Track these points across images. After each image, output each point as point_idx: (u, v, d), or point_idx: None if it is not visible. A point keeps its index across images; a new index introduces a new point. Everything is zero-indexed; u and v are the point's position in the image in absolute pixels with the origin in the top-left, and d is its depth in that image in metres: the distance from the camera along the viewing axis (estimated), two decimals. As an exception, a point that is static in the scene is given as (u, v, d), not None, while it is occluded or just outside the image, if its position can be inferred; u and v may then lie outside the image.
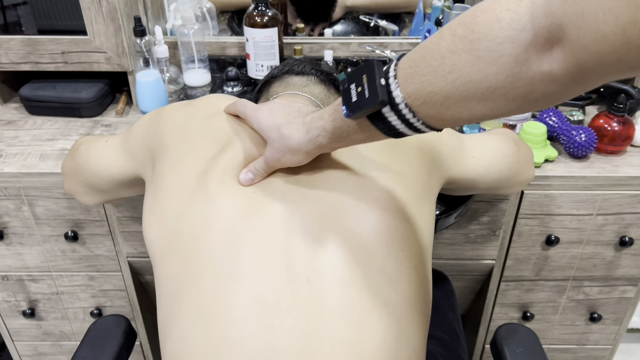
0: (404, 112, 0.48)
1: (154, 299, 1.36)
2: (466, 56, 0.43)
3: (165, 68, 1.29)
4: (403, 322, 0.58)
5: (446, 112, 0.47)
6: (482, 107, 0.45)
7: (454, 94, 0.45)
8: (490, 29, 0.42)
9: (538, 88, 0.42)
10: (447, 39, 0.45)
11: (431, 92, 0.46)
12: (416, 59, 0.47)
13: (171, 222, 0.63)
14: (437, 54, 0.45)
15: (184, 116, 0.72)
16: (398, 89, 0.48)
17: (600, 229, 1.13)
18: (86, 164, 0.84)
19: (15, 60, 1.19)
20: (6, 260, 1.19)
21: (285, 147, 0.60)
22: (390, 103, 0.48)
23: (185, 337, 0.56)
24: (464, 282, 1.28)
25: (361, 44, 1.34)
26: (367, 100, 0.49)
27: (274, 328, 0.54)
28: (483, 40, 0.42)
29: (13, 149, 1.12)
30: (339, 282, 0.56)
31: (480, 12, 0.43)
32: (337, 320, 0.55)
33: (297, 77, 0.88)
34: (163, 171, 0.68)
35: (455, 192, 0.87)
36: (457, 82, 0.44)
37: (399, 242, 0.61)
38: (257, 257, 0.57)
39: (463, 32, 0.44)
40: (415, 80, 0.47)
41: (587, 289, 1.24)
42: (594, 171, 1.07)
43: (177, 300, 0.59)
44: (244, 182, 0.63)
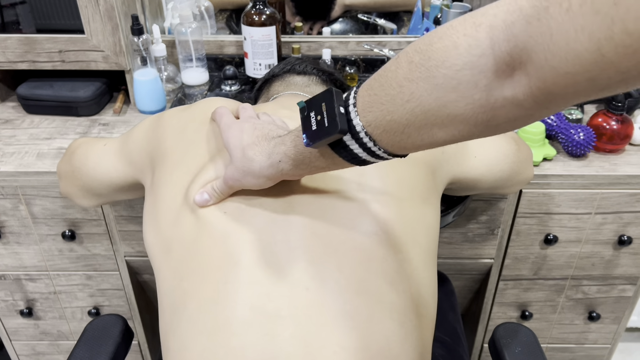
0: (365, 141, 0.47)
1: (152, 298, 1.35)
2: (423, 84, 0.42)
3: (163, 67, 1.28)
4: (407, 326, 0.56)
5: (407, 140, 0.46)
6: (444, 134, 0.44)
7: (414, 122, 0.44)
8: (448, 55, 0.40)
9: (500, 114, 0.41)
10: (404, 66, 0.44)
11: (390, 121, 0.45)
12: (374, 87, 0.46)
13: (165, 236, 0.63)
14: (395, 82, 0.44)
15: (182, 122, 0.72)
16: (357, 117, 0.47)
17: (599, 227, 1.13)
18: (84, 168, 0.83)
19: (12, 59, 1.19)
20: (3, 259, 1.19)
21: (246, 168, 0.58)
22: (351, 132, 0.47)
23: (185, 350, 0.56)
24: (462, 282, 1.28)
25: (359, 42, 1.34)
26: (327, 129, 0.48)
27: (275, 337, 0.53)
28: (440, 67, 0.41)
29: (10, 148, 1.12)
30: (337, 288, 0.55)
31: (437, 39, 0.41)
32: (339, 327, 0.53)
33: (298, 77, 0.88)
34: (160, 181, 0.67)
35: (456, 192, 0.87)
36: (416, 111, 0.43)
37: (397, 243, 0.59)
38: (252, 269, 0.56)
39: (419, 59, 0.42)
40: (374, 108, 0.46)
41: (585, 288, 1.24)
42: (593, 170, 1.07)
43: (176, 314, 0.58)
44: (199, 203, 0.61)
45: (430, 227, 0.65)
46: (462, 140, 0.45)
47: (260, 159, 0.57)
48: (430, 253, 0.64)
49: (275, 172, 0.57)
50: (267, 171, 0.57)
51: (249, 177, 0.58)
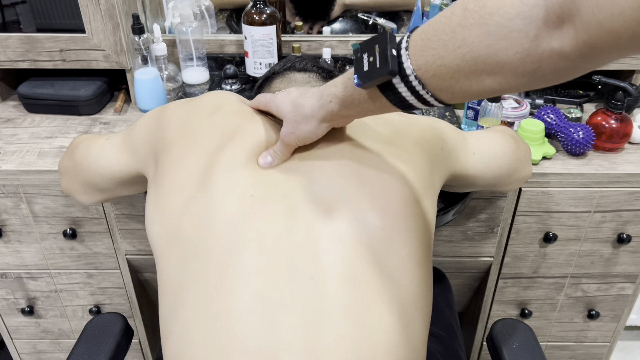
0: (414, 84, 0.49)
1: (153, 296, 1.36)
2: (476, 31, 0.44)
3: (164, 66, 1.29)
4: (405, 319, 0.58)
5: (455, 85, 0.48)
6: (492, 81, 0.46)
7: (463, 68, 0.46)
8: (502, 4, 0.42)
9: (547, 65, 0.42)
10: (458, 13, 0.45)
11: (441, 65, 0.47)
12: (427, 32, 0.48)
13: (173, 219, 0.63)
14: (448, 28, 0.46)
15: (187, 112, 0.72)
16: (409, 60, 0.48)
17: (598, 226, 1.13)
18: (86, 162, 0.83)
19: (13, 58, 1.20)
20: (4, 258, 1.19)
21: (299, 115, 0.61)
22: (401, 74, 0.49)
23: (188, 335, 0.56)
24: (461, 280, 1.28)
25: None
26: (378, 70, 0.50)
27: (277, 325, 0.54)
28: (494, 15, 0.42)
29: (11, 147, 1.13)
30: (341, 279, 0.56)
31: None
32: (340, 317, 0.54)
33: (299, 74, 0.89)
34: (166, 167, 0.68)
35: (454, 189, 0.87)
36: (467, 57, 0.45)
37: (402, 238, 0.61)
38: (260, 255, 0.57)
39: (474, 6, 0.44)
40: (425, 53, 0.47)
41: (585, 286, 1.24)
42: (592, 168, 1.07)
43: (179, 298, 0.59)
44: (263, 164, 0.64)
45: (429, 222, 0.66)
46: (509, 91, 0.47)
47: (310, 102, 0.60)
48: (428, 248, 0.65)
49: (325, 112, 0.59)
50: (318, 112, 0.60)
51: (302, 124, 0.61)
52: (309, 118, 0.61)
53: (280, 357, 0.52)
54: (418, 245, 0.62)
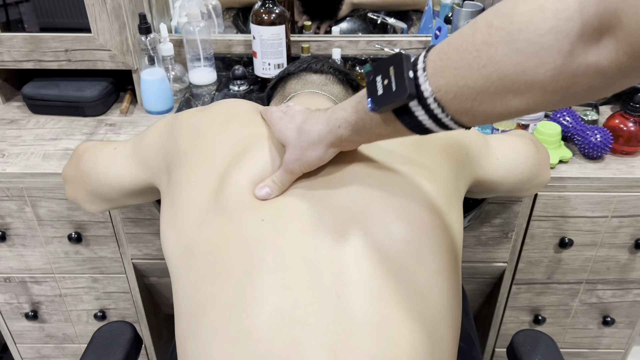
0: (433, 107, 0.46)
1: (159, 301, 1.34)
2: (503, 49, 0.41)
3: (171, 66, 1.26)
4: (434, 337, 0.55)
5: (478, 108, 0.44)
6: (518, 102, 0.43)
7: (489, 89, 0.43)
8: (532, 19, 0.39)
9: (581, 81, 0.39)
10: (482, 30, 0.42)
11: (463, 87, 0.44)
12: (448, 52, 0.45)
13: (188, 239, 0.61)
14: (472, 46, 0.43)
15: (200, 122, 0.70)
16: (427, 82, 0.45)
17: (615, 231, 1.11)
18: (94, 172, 0.80)
19: (17, 58, 1.17)
20: (8, 262, 1.17)
21: (304, 142, 0.58)
22: (418, 97, 0.46)
23: (205, 356, 0.54)
24: (474, 285, 1.26)
25: (370, 42, 1.32)
26: (394, 94, 0.47)
27: (302, 345, 0.51)
28: (523, 31, 0.39)
29: (15, 149, 1.10)
30: (368, 296, 0.54)
31: (521, 2, 0.40)
32: (368, 336, 0.52)
33: (315, 76, 0.86)
34: (179, 182, 0.65)
35: (475, 195, 0.85)
36: (493, 76, 0.42)
37: (430, 252, 0.58)
38: (280, 273, 0.55)
39: (500, 23, 0.41)
40: (446, 73, 0.44)
41: (600, 292, 1.21)
42: (610, 172, 1.04)
43: (196, 318, 0.56)
44: (260, 196, 0.61)
45: (458, 233, 0.63)
46: (535, 110, 0.44)
47: (317, 127, 0.57)
48: (458, 261, 0.62)
49: (334, 138, 0.56)
50: (325, 138, 0.57)
51: (309, 150, 0.58)
52: (316, 144, 0.58)
53: None
54: (447, 258, 0.59)
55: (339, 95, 0.85)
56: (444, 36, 1.21)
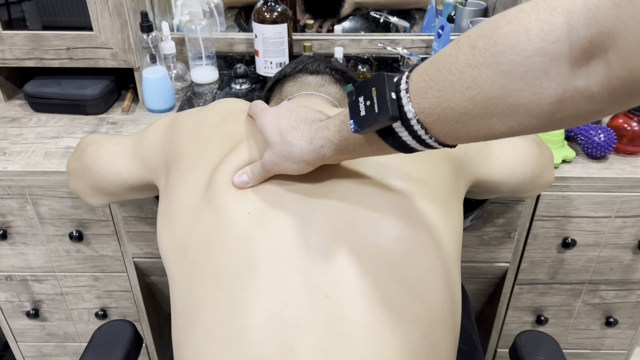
0: (416, 129, 0.45)
1: (160, 300, 1.33)
2: (487, 71, 0.39)
3: (172, 65, 1.26)
4: (431, 338, 0.54)
5: (462, 130, 0.44)
6: (502, 125, 0.42)
7: (472, 111, 0.42)
8: (517, 41, 0.38)
9: (568, 106, 0.38)
10: (465, 51, 0.41)
11: (447, 108, 0.43)
12: (430, 73, 0.44)
13: (180, 241, 0.60)
14: (455, 68, 0.42)
15: (196, 123, 0.70)
16: (410, 103, 0.45)
17: (619, 231, 1.10)
18: (95, 166, 0.80)
19: (19, 56, 1.17)
20: (9, 260, 1.17)
21: (286, 153, 0.56)
22: (402, 118, 0.45)
23: (199, 358, 0.53)
24: (476, 285, 1.25)
25: (372, 40, 1.31)
26: (377, 116, 0.46)
27: (294, 348, 0.50)
28: (508, 53, 0.38)
29: (17, 147, 1.10)
30: (359, 297, 0.53)
31: (505, 23, 0.39)
32: (361, 339, 0.51)
33: (311, 77, 0.86)
34: (174, 182, 0.65)
35: (476, 195, 0.84)
36: (476, 99, 0.41)
37: (422, 250, 0.57)
38: (271, 274, 0.54)
39: (484, 44, 0.40)
40: (429, 95, 0.43)
41: (603, 293, 1.21)
42: (613, 172, 1.04)
43: (189, 320, 0.56)
44: (237, 184, 0.60)
45: (455, 231, 0.62)
46: (521, 134, 0.43)
47: (300, 143, 0.55)
48: (455, 259, 0.61)
49: (316, 157, 0.55)
50: (307, 156, 0.55)
51: (288, 161, 0.57)
52: (297, 160, 0.56)
53: None
54: (443, 257, 0.58)
55: (336, 95, 0.84)
56: (447, 35, 1.21)
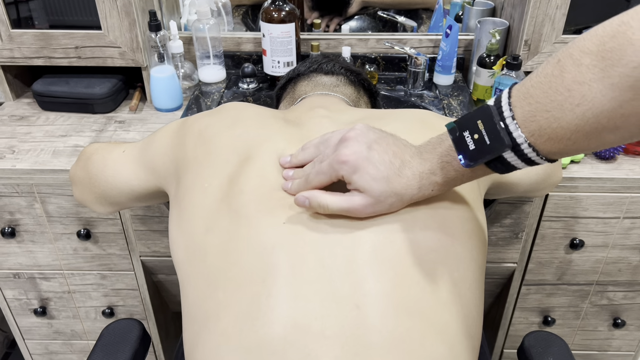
0: (527, 152, 0.46)
1: (167, 298, 1.34)
2: (597, 85, 0.41)
3: (180, 64, 1.26)
4: (457, 348, 0.53)
5: (572, 146, 0.45)
6: (613, 137, 0.43)
7: (584, 127, 0.43)
8: (623, 53, 0.39)
9: None
10: (571, 70, 0.42)
11: (557, 128, 0.44)
12: (535, 95, 0.44)
13: (198, 245, 0.59)
14: (562, 87, 0.43)
15: (207, 127, 0.69)
16: (519, 129, 0.46)
17: (627, 232, 1.09)
18: (103, 176, 0.79)
19: (28, 54, 1.17)
20: (18, 258, 1.17)
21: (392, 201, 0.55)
22: (512, 144, 0.46)
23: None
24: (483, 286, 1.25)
25: (380, 40, 1.31)
26: (490, 147, 0.47)
27: (318, 358, 0.49)
28: (616, 66, 0.40)
29: (25, 145, 1.11)
30: (390, 308, 0.51)
31: (609, 38, 0.40)
32: (389, 351, 0.49)
33: (326, 77, 0.85)
34: (188, 187, 0.64)
35: (492, 196, 0.83)
36: (587, 114, 0.42)
37: (454, 261, 0.56)
38: (296, 281, 0.52)
39: (591, 60, 0.41)
40: (537, 117, 0.44)
41: (611, 294, 1.20)
42: (622, 173, 1.03)
43: (206, 327, 0.54)
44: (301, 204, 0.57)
45: (484, 240, 0.61)
46: (628, 141, 0.44)
47: (410, 192, 0.55)
48: (483, 269, 0.60)
49: (420, 197, 0.56)
50: (413, 198, 0.55)
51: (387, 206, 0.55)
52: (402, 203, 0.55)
53: None
54: (473, 267, 0.57)
55: (351, 96, 0.84)
56: (455, 35, 1.21)
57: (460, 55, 1.31)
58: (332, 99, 0.80)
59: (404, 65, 1.33)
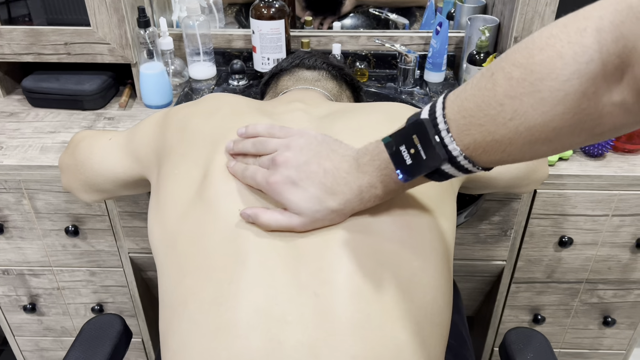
0: (463, 163, 0.47)
1: (156, 295, 1.34)
2: (528, 100, 0.40)
3: (170, 60, 1.26)
4: (421, 336, 0.54)
5: (507, 158, 0.45)
6: (547, 148, 0.43)
7: (517, 140, 0.43)
8: (553, 67, 0.39)
9: (607, 121, 0.39)
10: (502, 83, 0.42)
11: (491, 141, 0.44)
12: (469, 109, 0.44)
13: (170, 233, 0.60)
14: (494, 101, 0.42)
15: (186, 117, 0.70)
16: (454, 142, 0.46)
17: (616, 230, 1.09)
18: (89, 162, 0.80)
19: (17, 51, 1.17)
20: (7, 254, 1.17)
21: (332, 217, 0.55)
22: (449, 157, 0.47)
23: (184, 350, 0.53)
24: (473, 284, 1.25)
25: (370, 37, 1.31)
26: (426, 162, 0.48)
27: (281, 342, 0.50)
28: (545, 80, 0.39)
29: (14, 141, 1.10)
30: (349, 295, 0.52)
31: (537, 50, 0.40)
32: (349, 336, 0.51)
33: (308, 72, 0.86)
34: (164, 176, 0.65)
35: (472, 191, 0.83)
36: (520, 128, 0.42)
37: (415, 250, 0.57)
38: (259, 270, 0.54)
39: (520, 74, 0.41)
40: (472, 131, 0.44)
41: (601, 292, 1.20)
42: (611, 170, 1.03)
43: (176, 312, 0.55)
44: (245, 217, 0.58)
45: (448, 230, 0.62)
46: (561, 151, 0.44)
47: (351, 206, 0.55)
48: (447, 258, 0.61)
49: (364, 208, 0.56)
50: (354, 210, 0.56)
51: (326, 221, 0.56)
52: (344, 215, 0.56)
53: None
54: (434, 256, 0.58)
55: (332, 90, 0.84)
56: (445, 32, 1.20)
57: (451, 52, 1.31)
58: (312, 93, 0.80)
59: (394, 63, 1.33)
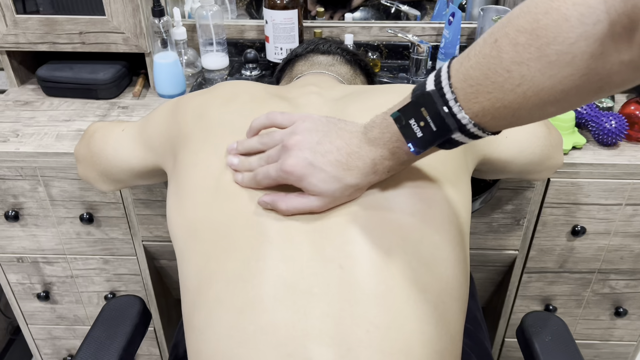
0: (473, 131, 0.47)
1: (169, 284, 1.34)
2: (535, 64, 0.41)
3: (183, 50, 1.27)
4: (440, 309, 0.55)
5: (516, 122, 0.46)
6: (555, 109, 0.44)
7: (526, 104, 0.43)
8: (559, 30, 0.39)
9: (615, 79, 0.40)
10: (508, 50, 0.42)
11: (500, 107, 0.44)
12: (475, 77, 0.44)
13: (192, 219, 0.61)
14: (500, 68, 0.43)
15: (202, 104, 0.70)
16: (462, 111, 0.46)
17: (629, 219, 1.09)
18: (103, 153, 0.81)
19: (32, 40, 1.18)
20: (21, 241, 1.18)
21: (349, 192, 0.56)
22: (458, 126, 0.47)
23: (211, 326, 0.54)
24: (484, 273, 1.25)
25: (382, 28, 1.31)
26: (437, 133, 0.48)
27: (307, 314, 0.51)
28: (552, 44, 0.39)
29: (29, 129, 1.11)
30: (372, 268, 0.53)
31: (542, 15, 0.40)
32: (372, 306, 0.52)
33: (322, 56, 0.86)
34: (184, 163, 0.65)
35: (485, 175, 0.84)
36: (528, 93, 0.42)
37: (435, 224, 0.57)
38: (285, 246, 0.55)
39: (526, 39, 0.41)
40: (480, 98, 0.45)
41: (613, 283, 1.20)
42: (624, 159, 1.03)
43: (201, 294, 0.56)
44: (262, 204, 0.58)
45: (465, 207, 0.63)
46: (570, 109, 0.45)
47: (369, 179, 0.55)
48: (465, 234, 0.62)
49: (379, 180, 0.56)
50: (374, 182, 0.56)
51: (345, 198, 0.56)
52: (362, 190, 0.56)
53: (309, 347, 0.50)
54: (453, 231, 0.59)
55: (346, 75, 0.85)
56: (458, 22, 1.20)
57: (463, 43, 1.31)
58: (326, 77, 0.81)
59: (406, 53, 1.33)
